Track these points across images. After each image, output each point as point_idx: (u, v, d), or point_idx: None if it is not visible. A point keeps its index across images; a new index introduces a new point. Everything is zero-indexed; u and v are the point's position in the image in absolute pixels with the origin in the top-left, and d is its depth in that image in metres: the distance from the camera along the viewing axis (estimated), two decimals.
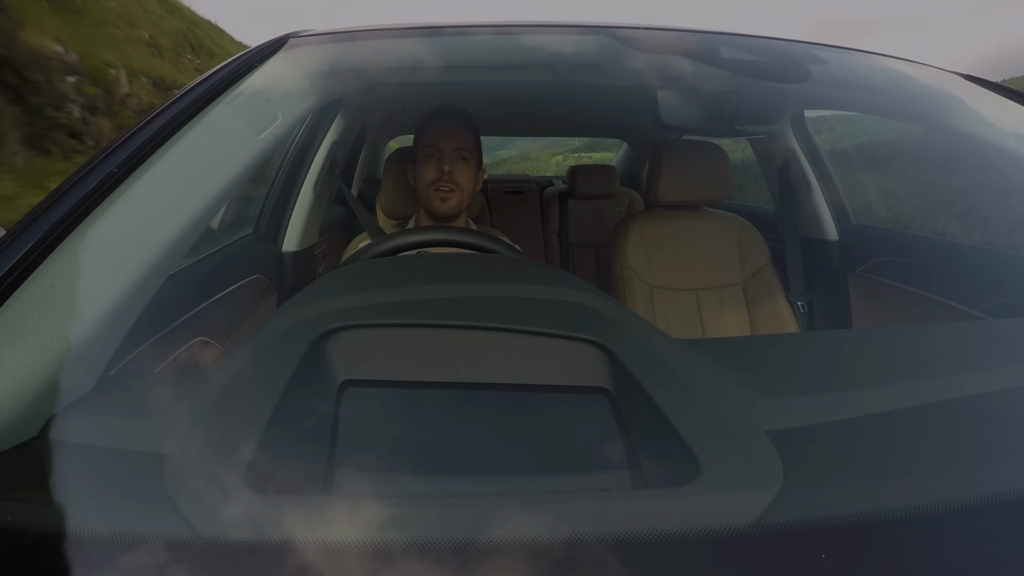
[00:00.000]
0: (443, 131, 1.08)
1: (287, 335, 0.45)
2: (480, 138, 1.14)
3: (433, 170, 1.06)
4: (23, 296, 0.43)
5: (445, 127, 1.08)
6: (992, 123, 0.84)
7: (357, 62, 0.84)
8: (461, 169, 1.07)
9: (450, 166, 1.05)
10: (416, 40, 0.85)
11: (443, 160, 1.06)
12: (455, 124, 1.09)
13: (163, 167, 0.54)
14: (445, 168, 1.05)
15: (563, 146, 11.30)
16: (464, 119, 1.11)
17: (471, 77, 1.10)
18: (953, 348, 0.50)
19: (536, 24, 0.90)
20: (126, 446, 0.38)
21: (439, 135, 1.07)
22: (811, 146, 1.63)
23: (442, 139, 1.07)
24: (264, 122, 0.63)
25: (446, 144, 1.06)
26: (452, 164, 1.06)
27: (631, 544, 0.31)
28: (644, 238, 1.36)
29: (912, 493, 0.33)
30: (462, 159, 1.07)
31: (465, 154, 1.08)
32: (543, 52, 0.85)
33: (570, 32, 0.89)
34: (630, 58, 0.86)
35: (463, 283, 0.53)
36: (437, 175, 1.06)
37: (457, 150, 1.07)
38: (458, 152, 1.07)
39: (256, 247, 1.43)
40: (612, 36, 0.86)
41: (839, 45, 0.97)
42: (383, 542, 0.30)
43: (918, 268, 1.30)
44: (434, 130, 1.08)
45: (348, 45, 0.83)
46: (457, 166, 1.06)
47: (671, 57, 0.88)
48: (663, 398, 0.39)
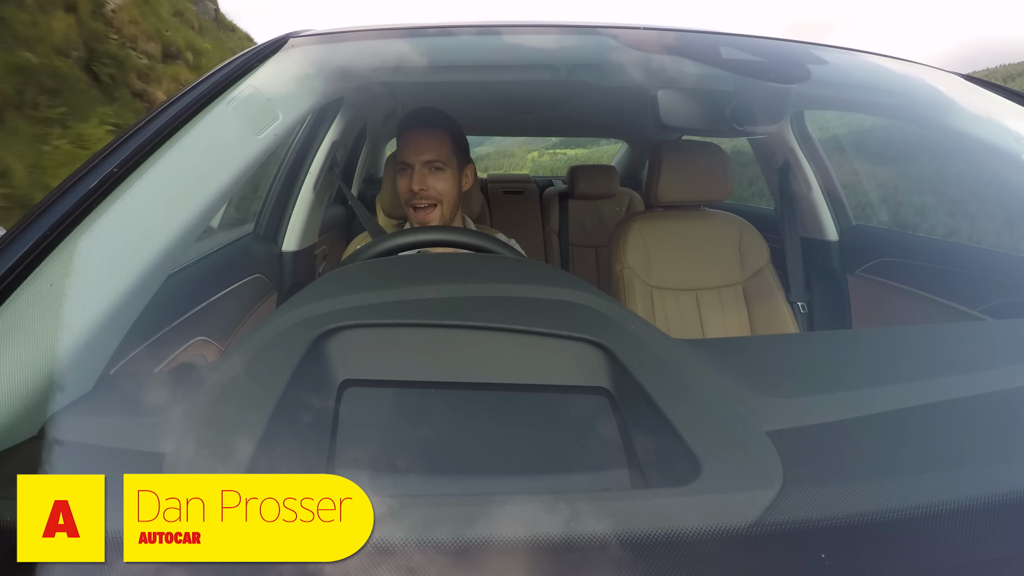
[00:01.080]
0: (412, 144, 1.03)
1: (287, 335, 0.45)
2: (462, 136, 1.08)
3: (405, 187, 1.03)
4: (23, 295, 0.43)
5: (414, 139, 1.04)
6: (992, 123, 0.84)
7: (357, 62, 0.84)
8: (436, 179, 1.02)
9: (420, 183, 1.01)
10: (416, 40, 0.85)
11: (413, 178, 1.02)
12: (424, 134, 1.04)
13: (163, 167, 0.54)
14: (415, 187, 1.01)
15: (539, 143, 11.34)
16: (436, 123, 1.06)
17: (471, 77, 1.10)
18: (953, 348, 0.50)
19: (536, 24, 0.90)
20: (126, 445, 0.38)
21: (407, 149, 1.03)
22: (811, 146, 1.63)
23: (410, 153, 1.03)
24: (264, 122, 0.63)
25: (415, 158, 1.02)
26: (423, 180, 1.02)
27: (631, 544, 0.31)
28: (644, 238, 1.36)
29: (912, 493, 0.33)
30: (435, 169, 1.03)
31: (438, 164, 1.03)
32: (543, 52, 0.85)
33: (570, 32, 0.89)
34: (630, 58, 0.86)
35: (463, 283, 0.53)
36: (409, 194, 1.02)
37: (427, 163, 1.02)
38: (429, 164, 1.02)
39: (256, 247, 1.42)
40: (612, 36, 0.86)
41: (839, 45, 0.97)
42: (382, 541, 0.30)
43: (918, 268, 1.30)
44: (404, 143, 1.04)
45: (348, 45, 0.83)
46: (430, 179, 1.02)
47: (671, 57, 0.88)
48: (663, 398, 0.39)
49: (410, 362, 0.45)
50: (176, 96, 0.62)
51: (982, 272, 1.14)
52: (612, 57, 0.86)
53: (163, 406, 0.40)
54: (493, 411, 0.44)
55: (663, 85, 1.18)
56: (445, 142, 1.05)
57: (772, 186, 1.72)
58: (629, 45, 0.84)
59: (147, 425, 0.39)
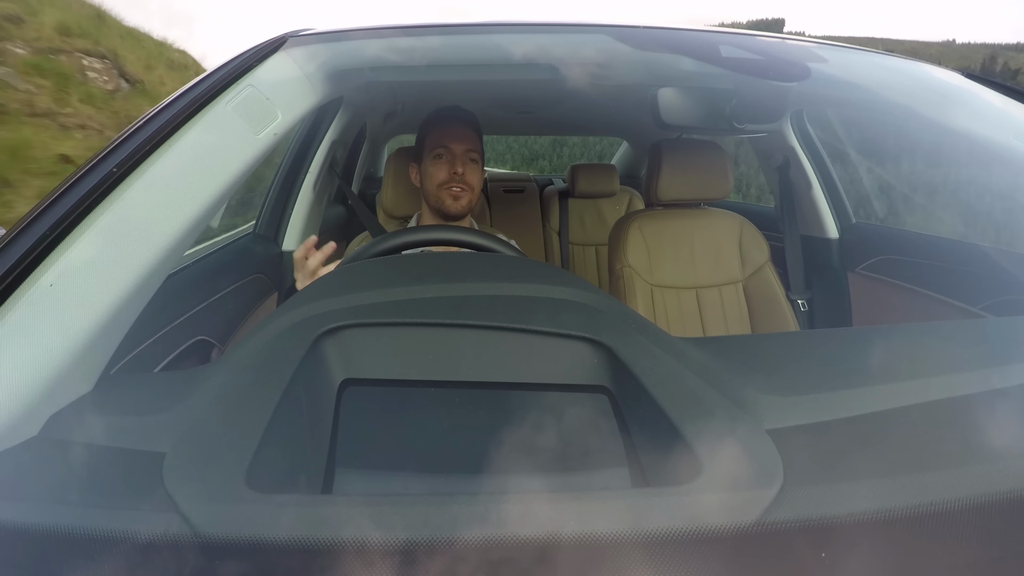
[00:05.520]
0: (452, 133, 1.09)
1: (287, 334, 0.45)
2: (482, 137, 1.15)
3: (445, 171, 1.08)
4: (23, 295, 0.43)
5: (454, 129, 1.10)
6: (992, 121, 0.83)
7: (356, 61, 0.84)
8: (471, 170, 1.09)
9: (462, 167, 1.08)
10: (416, 39, 0.85)
11: (455, 162, 1.08)
12: (463, 126, 1.11)
13: (162, 167, 0.54)
14: (458, 170, 1.07)
15: None
16: (471, 120, 1.13)
17: (471, 76, 1.11)
18: (953, 346, 0.50)
19: (536, 24, 0.90)
20: (126, 445, 0.38)
21: (449, 137, 1.09)
22: (811, 145, 1.63)
23: (452, 140, 1.08)
24: (263, 121, 0.63)
25: (457, 146, 1.08)
26: (464, 165, 1.08)
27: (632, 543, 0.31)
28: (644, 237, 1.36)
29: (912, 491, 0.33)
30: (471, 160, 1.09)
31: (474, 155, 1.10)
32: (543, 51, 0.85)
33: (570, 31, 0.89)
34: (630, 57, 0.86)
35: (463, 282, 0.53)
36: (449, 176, 1.07)
37: (467, 151, 1.09)
38: (468, 154, 1.09)
39: (256, 246, 1.43)
40: (612, 35, 0.85)
41: (840, 44, 0.97)
42: (382, 541, 0.30)
43: (918, 266, 1.30)
44: (443, 131, 1.10)
45: (347, 44, 0.83)
46: (468, 167, 1.08)
47: (671, 56, 0.88)
48: (664, 397, 0.39)
49: (410, 361, 0.45)
50: (175, 96, 0.62)
51: (983, 270, 1.14)
52: (612, 56, 0.86)
53: (163, 406, 0.40)
54: (493, 410, 0.44)
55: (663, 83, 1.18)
56: (477, 139, 1.12)
57: (772, 184, 1.72)
58: (629, 44, 0.84)
59: (147, 425, 0.39)
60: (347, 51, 0.83)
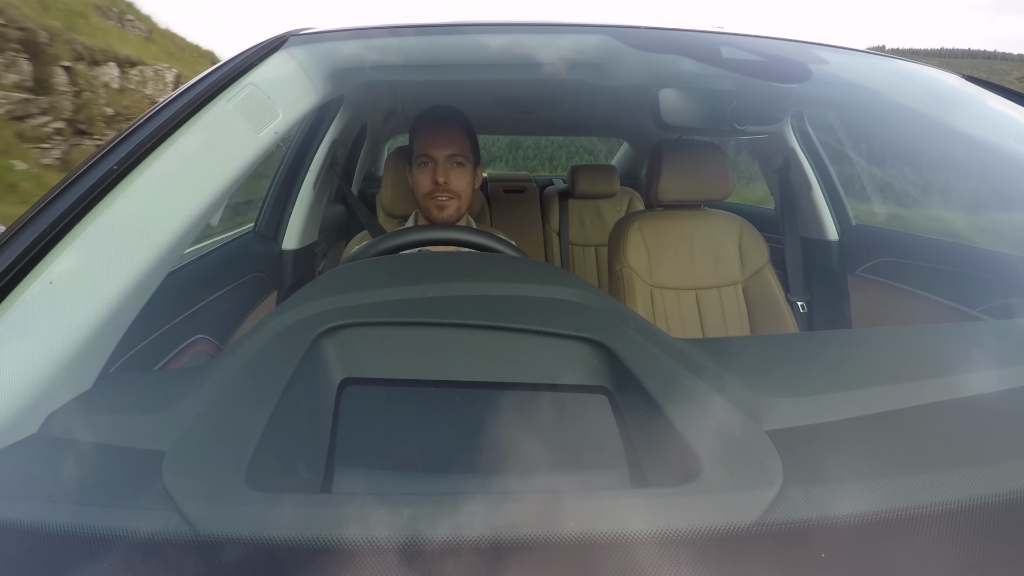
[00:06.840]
0: (435, 139, 1.04)
1: (287, 333, 0.44)
2: (476, 136, 1.11)
3: (428, 181, 1.04)
4: (23, 293, 0.43)
5: (437, 134, 1.05)
6: (992, 123, 0.84)
7: (357, 60, 0.84)
8: (457, 175, 1.04)
9: (444, 176, 1.03)
10: (416, 39, 0.85)
11: (437, 171, 1.03)
12: (447, 129, 1.06)
13: (163, 165, 0.54)
14: (439, 180, 1.03)
15: None
16: (456, 120, 1.08)
17: (471, 76, 1.10)
18: (952, 348, 0.50)
19: (536, 23, 0.90)
20: (125, 443, 0.38)
21: (431, 143, 1.04)
22: (811, 146, 1.63)
23: (434, 147, 1.04)
24: (264, 120, 0.63)
25: (438, 152, 1.03)
26: (446, 174, 1.03)
27: (631, 543, 0.31)
28: (644, 237, 1.36)
29: (912, 493, 0.33)
30: (456, 165, 1.04)
31: (460, 159, 1.05)
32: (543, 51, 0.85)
33: (570, 32, 0.89)
34: (630, 57, 0.85)
35: (463, 282, 0.53)
36: (432, 187, 1.03)
37: (450, 157, 1.04)
38: (452, 159, 1.04)
39: (256, 245, 1.42)
40: (612, 36, 0.85)
41: (840, 45, 0.97)
42: (381, 540, 0.30)
43: (918, 268, 1.30)
44: (426, 137, 1.05)
45: (348, 43, 0.83)
46: (452, 173, 1.04)
47: (671, 57, 0.88)
48: (663, 397, 0.39)
49: (410, 361, 0.45)
50: (176, 94, 0.62)
51: (982, 272, 1.14)
52: (613, 56, 0.86)
53: (163, 404, 0.40)
54: (493, 410, 0.44)
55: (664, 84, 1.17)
56: (465, 140, 1.06)
57: (772, 186, 1.72)
58: (630, 44, 0.84)
59: (147, 423, 0.39)
60: (348, 50, 0.83)
